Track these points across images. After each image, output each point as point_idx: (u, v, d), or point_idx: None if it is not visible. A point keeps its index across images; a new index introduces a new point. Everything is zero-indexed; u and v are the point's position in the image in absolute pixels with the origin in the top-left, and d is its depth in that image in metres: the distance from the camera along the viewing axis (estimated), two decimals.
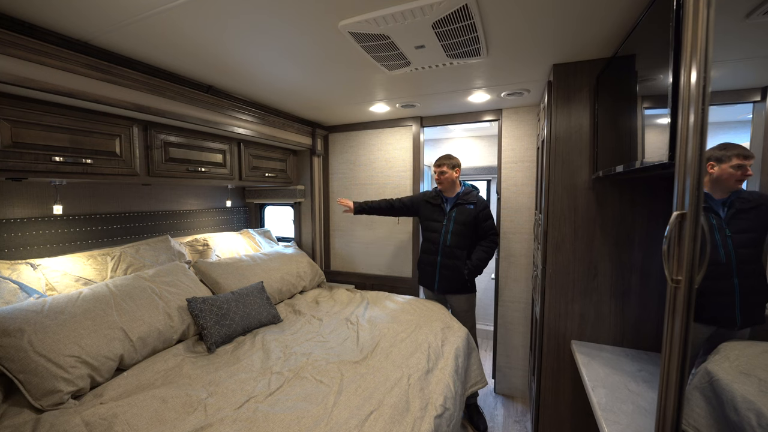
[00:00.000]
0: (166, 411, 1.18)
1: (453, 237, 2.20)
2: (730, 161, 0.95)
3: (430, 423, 1.21)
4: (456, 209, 2.23)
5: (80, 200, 1.90)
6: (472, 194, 2.26)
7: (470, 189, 2.30)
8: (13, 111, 1.30)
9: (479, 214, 2.20)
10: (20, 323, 1.25)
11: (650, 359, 1.42)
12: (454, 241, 2.20)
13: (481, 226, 2.21)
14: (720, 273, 0.98)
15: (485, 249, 2.20)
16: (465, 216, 2.20)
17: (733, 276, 0.99)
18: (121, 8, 1.15)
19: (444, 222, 2.24)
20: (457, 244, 2.19)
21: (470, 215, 2.20)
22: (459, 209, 2.23)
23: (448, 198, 2.29)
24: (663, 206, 1.45)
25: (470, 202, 2.23)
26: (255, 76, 1.78)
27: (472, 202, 2.22)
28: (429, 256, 2.29)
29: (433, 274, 2.27)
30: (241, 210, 3.05)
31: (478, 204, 2.22)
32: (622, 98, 1.24)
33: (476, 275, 2.19)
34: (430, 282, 2.30)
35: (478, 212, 2.20)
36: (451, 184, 2.27)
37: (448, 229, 2.23)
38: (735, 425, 0.76)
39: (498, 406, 2.42)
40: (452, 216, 2.23)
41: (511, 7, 1.16)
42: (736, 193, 0.98)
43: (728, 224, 0.99)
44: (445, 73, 1.74)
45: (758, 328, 0.98)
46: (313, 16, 1.21)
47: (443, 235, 2.23)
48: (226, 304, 1.82)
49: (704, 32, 0.67)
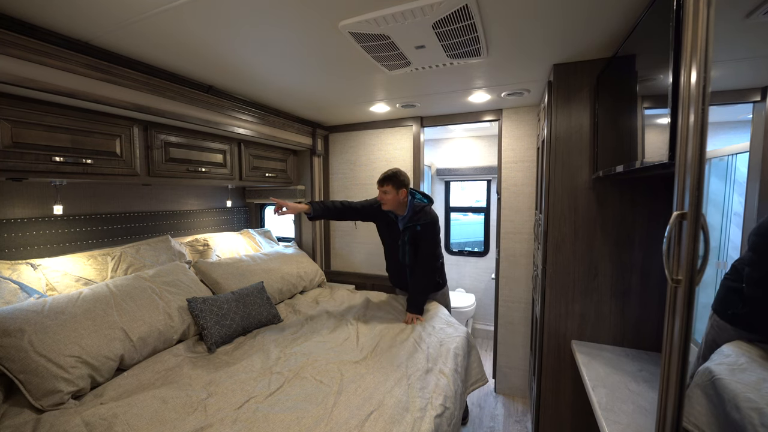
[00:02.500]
0: (167, 411, 1.18)
1: (411, 257, 2.12)
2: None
3: (430, 422, 1.21)
4: (408, 231, 2.08)
5: (81, 200, 1.90)
6: (422, 212, 2.08)
7: (422, 205, 2.11)
8: (14, 111, 1.30)
9: (419, 236, 2.06)
10: (21, 323, 1.25)
11: (650, 359, 1.42)
12: (412, 260, 2.12)
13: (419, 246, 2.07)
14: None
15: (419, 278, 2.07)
16: (414, 238, 2.08)
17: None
18: (122, 8, 1.15)
19: (399, 243, 2.13)
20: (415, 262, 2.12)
21: (415, 237, 2.08)
22: (409, 231, 2.08)
23: (400, 216, 2.13)
24: (663, 206, 1.45)
25: (418, 222, 2.05)
26: (255, 76, 1.78)
27: (420, 223, 2.05)
28: (396, 269, 2.26)
29: (404, 281, 2.26)
30: (242, 210, 3.05)
31: (422, 230, 2.05)
32: (623, 98, 1.24)
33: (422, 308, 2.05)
34: (403, 286, 2.31)
35: (419, 234, 2.06)
36: (399, 205, 2.06)
37: (404, 251, 2.12)
38: (736, 423, 0.76)
39: (498, 406, 2.42)
40: (405, 238, 2.09)
41: (511, 7, 1.16)
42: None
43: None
44: (445, 73, 1.74)
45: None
46: (314, 17, 1.21)
47: (401, 255, 2.14)
48: (227, 304, 1.82)
49: (704, 32, 0.67)
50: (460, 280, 3.81)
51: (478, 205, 3.89)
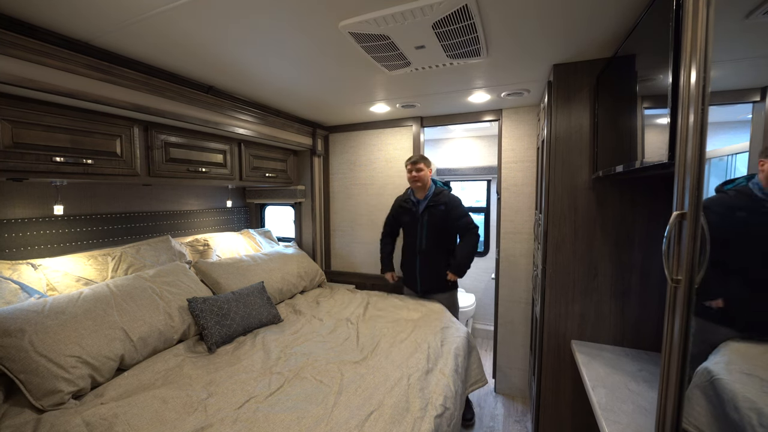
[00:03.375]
0: (167, 411, 1.18)
1: (428, 240, 2.21)
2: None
3: (430, 423, 1.21)
4: (427, 212, 2.22)
5: (81, 200, 1.90)
6: (443, 194, 2.24)
7: (441, 189, 2.28)
8: (14, 111, 1.30)
9: (450, 215, 2.19)
10: (21, 323, 1.25)
11: (650, 359, 1.42)
12: (429, 244, 2.21)
13: (455, 225, 2.20)
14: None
15: (467, 243, 2.20)
16: (437, 218, 2.20)
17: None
18: (122, 8, 1.15)
19: (417, 226, 2.25)
20: (433, 246, 2.21)
21: (441, 217, 2.19)
22: (430, 211, 2.22)
23: (419, 200, 2.28)
24: (663, 206, 1.45)
25: (441, 202, 2.21)
26: (255, 76, 1.78)
27: (443, 203, 2.21)
28: (409, 259, 2.33)
29: (414, 276, 2.32)
30: (242, 210, 3.05)
31: (449, 203, 2.21)
32: (622, 98, 1.24)
33: (463, 271, 2.20)
34: (413, 283, 2.35)
35: (449, 213, 2.19)
36: (426, 183, 2.25)
37: (422, 234, 2.23)
38: (736, 424, 0.76)
39: (498, 406, 2.42)
40: (424, 220, 2.22)
41: (511, 7, 1.16)
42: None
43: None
44: (445, 73, 1.74)
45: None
46: (314, 17, 1.21)
47: (418, 239, 2.24)
48: (227, 304, 1.82)
49: (704, 32, 0.67)
50: (460, 280, 3.80)
51: (478, 205, 3.88)
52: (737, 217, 0.90)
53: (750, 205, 0.87)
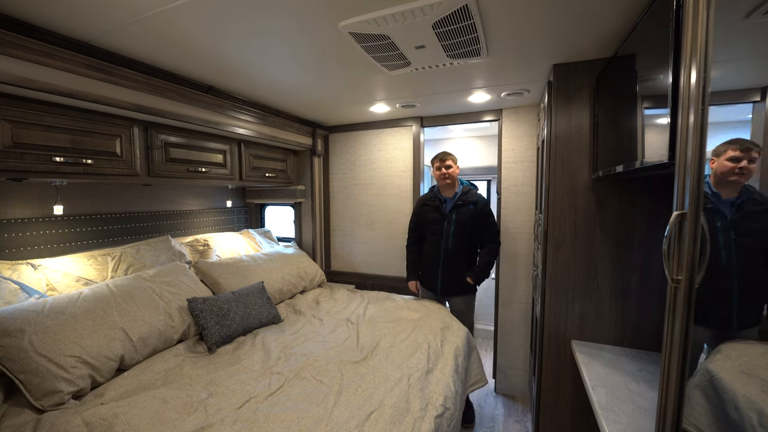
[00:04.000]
0: (167, 411, 1.18)
1: (454, 240, 2.15)
2: (725, 153, 0.91)
3: (430, 423, 1.21)
4: (455, 211, 2.17)
5: (81, 200, 1.90)
6: (471, 193, 2.20)
7: (469, 188, 2.24)
8: (14, 111, 1.30)
9: (479, 213, 2.15)
10: (21, 323, 1.25)
11: (650, 359, 1.42)
12: (455, 245, 2.16)
13: (481, 225, 2.16)
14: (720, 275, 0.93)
15: (489, 252, 2.17)
16: (465, 217, 2.15)
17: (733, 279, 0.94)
18: (122, 8, 1.15)
19: (444, 225, 2.18)
20: (459, 246, 2.16)
21: (470, 216, 2.15)
22: (459, 210, 2.16)
23: (447, 199, 2.22)
24: (663, 206, 1.45)
25: (470, 201, 2.17)
26: (255, 76, 1.78)
27: (472, 202, 2.17)
28: (431, 259, 2.24)
29: (435, 278, 2.24)
30: (242, 210, 3.05)
31: (477, 203, 2.17)
32: (622, 98, 1.24)
33: (482, 280, 2.17)
34: (433, 285, 2.27)
35: (478, 212, 2.15)
36: (454, 182, 2.20)
37: (449, 233, 2.17)
38: (736, 424, 0.76)
39: (498, 406, 2.42)
40: (452, 218, 2.16)
41: (511, 7, 1.16)
42: (748, 193, 0.92)
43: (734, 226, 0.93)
44: (445, 73, 1.74)
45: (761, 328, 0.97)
46: (314, 17, 1.21)
47: (444, 239, 2.17)
48: (227, 304, 1.82)
49: (704, 32, 0.67)
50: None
51: None
52: None
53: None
